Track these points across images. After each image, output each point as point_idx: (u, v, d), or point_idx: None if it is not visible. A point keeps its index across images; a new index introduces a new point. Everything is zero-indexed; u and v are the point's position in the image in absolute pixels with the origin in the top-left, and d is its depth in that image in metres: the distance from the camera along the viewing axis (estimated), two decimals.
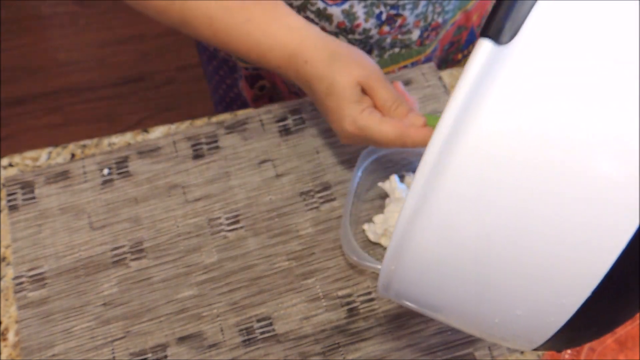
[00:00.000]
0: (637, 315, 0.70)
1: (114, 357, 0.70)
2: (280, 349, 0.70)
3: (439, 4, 0.89)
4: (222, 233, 0.78)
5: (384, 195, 0.77)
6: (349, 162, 0.82)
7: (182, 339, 0.71)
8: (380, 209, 0.77)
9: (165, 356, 0.70)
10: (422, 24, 0.90)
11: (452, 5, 0.92)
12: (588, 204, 0.37)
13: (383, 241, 0.75)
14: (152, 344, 0.71)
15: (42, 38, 2.32)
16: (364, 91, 0.70)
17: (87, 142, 0.86)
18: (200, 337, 0.71)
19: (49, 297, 0.74)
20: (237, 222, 0.78)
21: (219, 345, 0.71)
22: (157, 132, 0.86)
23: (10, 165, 0.84)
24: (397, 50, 0.93)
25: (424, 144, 0.67)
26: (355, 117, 0.68)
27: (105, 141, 0.85)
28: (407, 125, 0.68)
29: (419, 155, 0.78)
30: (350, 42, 0.88)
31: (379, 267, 0.71)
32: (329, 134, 0.84)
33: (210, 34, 0.73)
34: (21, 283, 0.74)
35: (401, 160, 0.81)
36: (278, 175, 0.81)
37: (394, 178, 0.76)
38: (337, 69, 0.68)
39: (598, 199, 0.37)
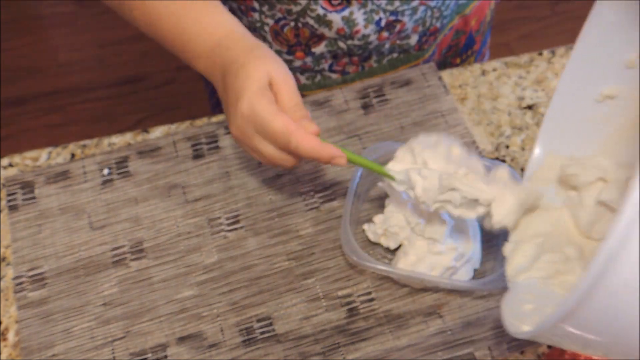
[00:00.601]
0: None
1: (114, 357, 0.70)
2: (280, 349, 0.70)
3: (437, 9, 0.89)
4: (222, 233, 0.78)
5: (384, 196, 0.77)
6: None
7: (182, 339, 0.71)
8: (380, 209, 0.77)
9: (165, 356, 0.70)
10: (420, 29, 0.90)
11: (450, 10, 0.92)
12: None
13: (383, 241, 0.75)
14: (152, 344, 0.71)
15: (42, 38, 2.32)
16: (270, 87, 0.68)
17: (87, 142, 0.86)
18: (200, 337, 0.71)
19: (49, 297, 0.74)
20: (237, 222, 0.78)
21: (219, 345, 0.71)
22: (157, 132, 0.86)
23: (10, 165, 0.84)
24: (395, 55, 0.93)
25: (307, 150, 0.65)
26: (253, 99, 0.66)
27: (105, 141, 0.85)
28: (299, 126, 0.66)
29: None
30: (349, 48, 0.88)
31: (379, 267, 0.71)
32: (329, 134, 0.84)
33: (139, 14, 0.73)
34: (21, 283, 0.74)
35: None
36: (278, 175, 0.81)
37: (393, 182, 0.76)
38: (254, 57, 0.67)
39: None
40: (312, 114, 0.86)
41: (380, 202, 0.78)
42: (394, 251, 0.75)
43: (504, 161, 0.83)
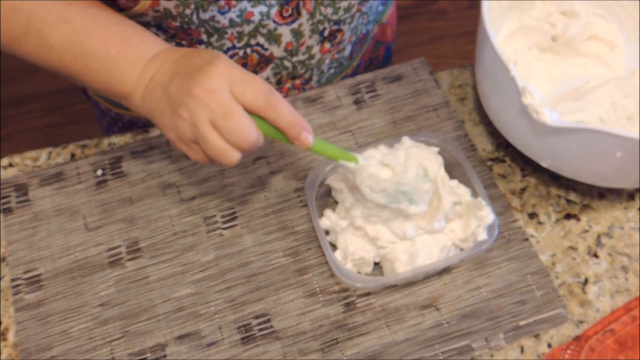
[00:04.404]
0: (637, 315, 0.70)
1: (112, 357, 0.70)
2: (279, 346, 0.70)
3: (366, 14, 0.89)
4: (218, 231, 0.78)
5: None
6: None
7: (180, 338, 0.71)
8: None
9: (164, 355, 0.70)
10: (354, 38, 0.91)
11: (372, 16, 0.92)
12: None
13: (362, 269, 0.74)
14: (150, 343, 0.71)
15: None
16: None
17: (87, 142, 0.85)
18: (198, 335, 0.71)
19: (46, 299, 0.74)
20: (232, 219, 0.78)
21: (218, 344, 0.71)
22: (158, 132, 0.85)
23: (10, 165, 0.84)
24: (332, 71, 0.93)
25: (285, 110, 0.63)
26: (228, 61, 0.63)
27: (106, 141, 0.85)
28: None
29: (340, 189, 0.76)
30: (294, 66, 0.87)
31: (372, 285, 0.71)
32: (322, 129, 0.84)
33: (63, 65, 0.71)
34: (17, 285, 0.75)
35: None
36: (272, 172, 0.81)
37: (329, 213, 0.74)
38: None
39: None
40: (305, 110, 0.86)
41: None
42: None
43: (504, 161, 0.83)
